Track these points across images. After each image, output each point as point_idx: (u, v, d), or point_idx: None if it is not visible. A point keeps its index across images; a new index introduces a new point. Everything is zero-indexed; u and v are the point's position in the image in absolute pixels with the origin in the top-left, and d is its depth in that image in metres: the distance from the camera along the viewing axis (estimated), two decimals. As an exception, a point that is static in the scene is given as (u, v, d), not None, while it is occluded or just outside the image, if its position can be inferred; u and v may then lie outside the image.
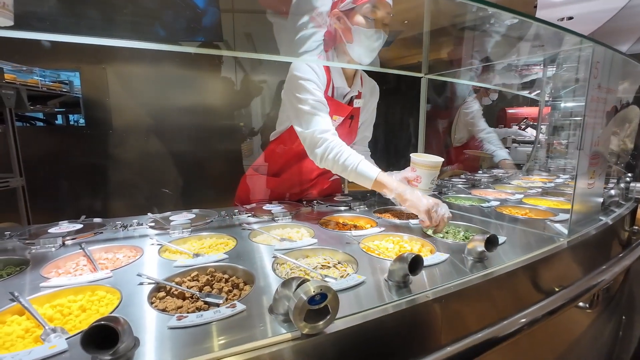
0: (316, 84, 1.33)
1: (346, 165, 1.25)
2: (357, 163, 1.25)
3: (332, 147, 1.26)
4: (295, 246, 1.04)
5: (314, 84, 1.32)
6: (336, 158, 1.26)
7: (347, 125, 1.51)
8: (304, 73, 1.32)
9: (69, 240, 1.09)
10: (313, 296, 0.57)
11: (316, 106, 1.30)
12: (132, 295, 0.75)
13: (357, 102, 1.49)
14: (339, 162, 1.26)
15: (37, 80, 3.14)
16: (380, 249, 1.06)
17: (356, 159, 1.25)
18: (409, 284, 0.80)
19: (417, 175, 1.30)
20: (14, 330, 0.63)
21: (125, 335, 0.52)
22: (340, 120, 1.47)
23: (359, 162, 1.25)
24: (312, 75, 1.33)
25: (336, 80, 1.42)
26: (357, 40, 1.31)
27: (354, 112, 1.51)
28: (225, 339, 0.59)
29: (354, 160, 1.25)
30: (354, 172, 1.25)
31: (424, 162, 1.29)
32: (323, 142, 1.27)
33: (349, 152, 1.26)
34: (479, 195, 1.87)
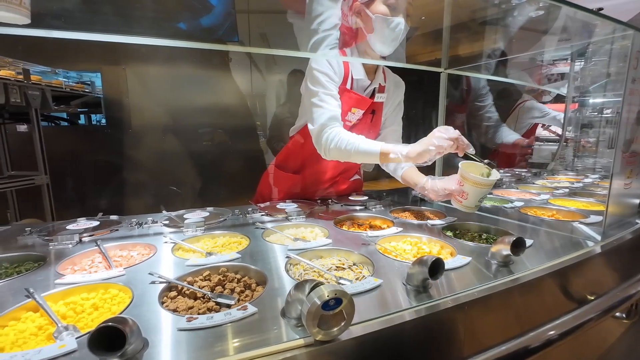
0: (329, 77, 1.31)
1: (348, 150, 1.22)
2: (358, 143, 1.22)
3: (332, 137, 1.25)
4: (309, 246, 1.01)
5: (327, 76, 1.30)
6: (337, 146, 1.24)
7: (368, 120, 1.47)
8: (320, 66, 1.31)
9: (85, 237, 1.10)
10: (327, 301, 0.54)
11: (324, 99, 1.29)
12: (143, 294, 0.74)
13: (379, 96, 1.44)
14: (340, 148, 1.24)
15: (61, 81, 3.24)
16: (397, 251, 1.02)
17: (356, 139, 1.22)
18: (429, 289, 0.75)
19: (463, 191, 1.11)
20: (27, 328, 0.63)
21: (134, 337, 0.51)
22: (361, 113, 1.43)
23: (359, 142, 1.22)
24: (328, 69, 1.31)
25: (355, 73, 1.39)
26: (378, 29, 1.27)
27: (376, 107, 1.46)
28: (235, 342, 0.57)
29: (354, 141, 1.22)
30: (357, 153, 1.22)
31: (477, 179, 1.07)
32: (324, 135, 1.27)
33: (347, 136, 1.24)
34: (501, 196, 1.78)
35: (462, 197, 1.12)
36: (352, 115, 1.41)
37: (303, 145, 1.52)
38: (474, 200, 1.10)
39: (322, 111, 1.28)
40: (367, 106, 1.43)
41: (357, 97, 1.40)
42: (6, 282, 0.81)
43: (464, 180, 1.10)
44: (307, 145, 1.49)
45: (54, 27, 0.92)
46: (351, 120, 1.44)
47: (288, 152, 1.61)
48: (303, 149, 1.53)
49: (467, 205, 1.11)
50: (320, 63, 1.32)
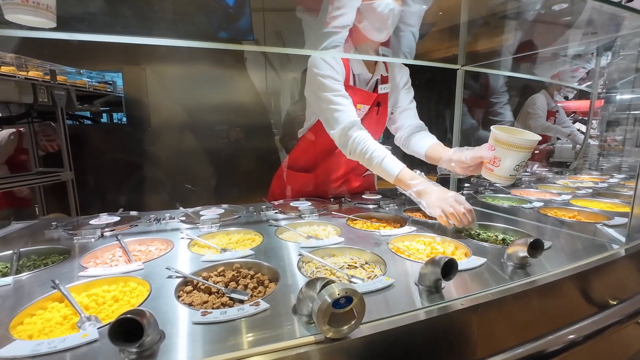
0: (334, 78, 1.31)
1: (371, 160, 1.25)
2: (381, 158, 1.23)
3: (358, 142, 1.27)
4: (321, 244, 1.02)
5: (331, 78, 1.31)
6: (362, 152, 1.27)
7: (374, 113, 1.47)
8: (322, 69, 1.31)
9: (107, 232, 1.15)
10: (338, 299, 0.54)
11: (338, 102, 1.29)
12: (161, 287, 0.76)
13: (382, 87, 1.43)
14: (364, 156, 1.27)
15: (85, 81, 3.37)
16: (410, 250, 1.01)
17: (381, 153, 1.24)
18: (442, 290, 0.74)
19: (495, 156, 0.94)
20: (53, 317, 0.67)
21: (151, 328, 0.53)
22: (367, 108, 1.43)
23: (383, 157, 1.23)
24: (330, 70, 1.31)
25: (355, 68, 1.39)
26: (366, 15, 1.27)
27: (380, 99, 1.46)
28: (248, 337, 0.58)
29: (378, 155, 1.24)
30: (378, 166, 1.25)
31: (510, 139, 0.91)
32: (349, 138, 1.29)
33: (373, 146, 1.25)
34: (519, 196, 1.74)
35: (493, 165, 0.95)
36: (358, 112, 1.41)
37: (314, 143, 1.53)
38: (508, 167, 0.92)
39: (340, 114, 1.29)
40: (372, 101, 1.42)
41: (361, 93, 1.39)
42: (34, 273, 0.86)
43: (496, 143, 0.93)
44: (318, 144, 1.50)
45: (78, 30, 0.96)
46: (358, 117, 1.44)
47: (299, 151, 1.63)
48: (314, 147, 1.54)
49: (500, 174, 0.94)
50: (321, 67, 1.32)
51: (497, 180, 0.99)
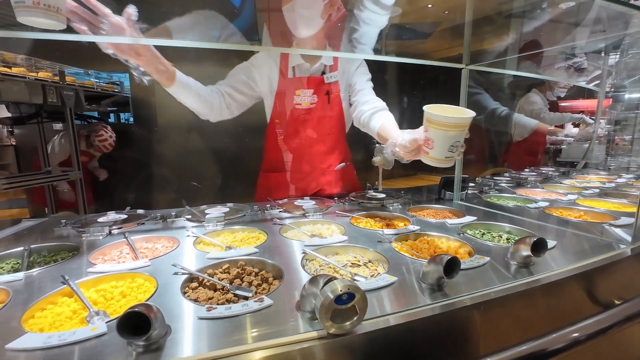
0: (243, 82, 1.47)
1: None
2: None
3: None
4: (325, 243, 1.03)
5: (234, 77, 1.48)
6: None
7: (325, 102, 1.51)
8: None
9: (115, 230, 1.17)
10: (340, 295, 0.55)
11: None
12: (167, 284, 0.78)
13: (328, 76, 1.49)
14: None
15: (93, 81, 3.41)
16: (414, 249, 1.02)
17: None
18: (444, 288, 0.75)
19: (427, 138, 0.86)
20: (63, 311, 0.69)
21: (158, 322, 0.54)
22: (309, 93, 1.47)
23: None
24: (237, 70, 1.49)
25: (292, 60, 1.46)
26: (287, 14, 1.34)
27: (329, 88, 1.51)
28: (252, 332, 0.59)
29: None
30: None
31: (439, 118, 0.81)
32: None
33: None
34: (525, 195, 1.73)
35: (428, 147, 0.87)
36: (299, 98, 1.47)
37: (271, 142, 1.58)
38: (442, 148, 0.84)
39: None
40: (314, 86, 1.47)
41: (299, 80, 1.47)
42: (45, 269, 0.88)
43: (428, 124, 0.85)
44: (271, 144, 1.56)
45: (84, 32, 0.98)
46: (300, 103, 1.48)
47: (265, 152, 1.66)
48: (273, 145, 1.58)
49: (435, 156, 0.86)
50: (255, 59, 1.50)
51: (433, 163, 0.91)
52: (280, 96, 1.49)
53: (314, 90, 1.48)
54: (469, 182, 1.70)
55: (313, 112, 1.49)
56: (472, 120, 0.84)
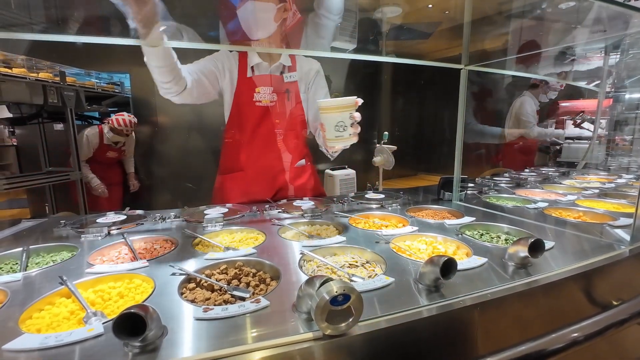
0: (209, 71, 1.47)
1: None
2: None
3: None
4: (323, 243, 1.03)
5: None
6: None
7: (284, 99, 1.54)
8: None
9: (114, 230, 1.17)
10: (335, 296, 0.55)
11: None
12: (164, 284, 0.78)
13: (287, 76, 1.52)
14: None
15: (93, 82, 3.42)
16: (411, 250, 1.02)
17: None
18: (441, 289, 0.75)
19: (321, 124, 1.05)
20: (60, 312, 0.69)
21: (154, 323, 0.54)
22: (269, 91, 1.50)
23: None
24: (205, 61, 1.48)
25: (252, 60, 1.49)
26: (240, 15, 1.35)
27: (288, 86, 1.54)
28: (248, 333, 0.59)
29: None
30: None
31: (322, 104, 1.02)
32: None
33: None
34: (524, 196, 1.72)
35: (323, 131, 1.05)
36: (259, 95, 1.49)
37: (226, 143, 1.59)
38: (330, 128, 1.01)
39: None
40: (272, 82, 1.49)
41: (258, 77, 1.49)
42: (43, 270, 0.88)
43: (320, 112, 1.04)
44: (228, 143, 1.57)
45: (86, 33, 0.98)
46: (260, 100, 1.50)
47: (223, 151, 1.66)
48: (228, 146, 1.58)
49: (328, 137, 1.03)
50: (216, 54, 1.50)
51: (329, 143, 1.06)
52: (239, 93, 1.50)
53: (273, 88, 1.51)
54: (469, 183, 1.70)
55: (272, 110, 1.52)
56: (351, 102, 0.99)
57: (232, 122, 1.53)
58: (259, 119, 1.51)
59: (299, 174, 1.67)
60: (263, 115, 1.51)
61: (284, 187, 1.65)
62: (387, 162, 3.55)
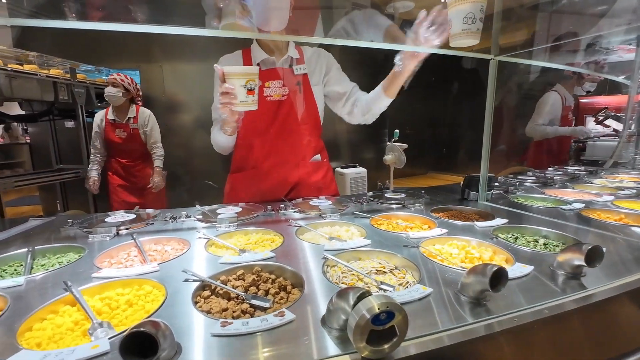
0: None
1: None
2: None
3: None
4: (346, 247, 0.95)
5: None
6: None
7: (296, 91, 1.47)
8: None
9: (122, 230, 1.11)
10: (378, 314, 0.47)
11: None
12: (176, 292, 0.71)
13: (297, 68, 1.45)
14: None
15: (104, 79, 3.39)
16: (443, 255, 0.93)
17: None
18: (486, 302, 0.66)
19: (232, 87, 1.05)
20: (64, 322, 0.62)
21: (166, 342, 0.47)
22: (279, 85, 1.43)
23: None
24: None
25: (256, 55, 1.43)
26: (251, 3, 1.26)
27: (300, 79, 1.47)
28: (272, 352, 0.51)
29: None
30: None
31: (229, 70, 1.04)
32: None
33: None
34: (554, 196, 1.61)
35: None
36: (269, 90, 1.42)
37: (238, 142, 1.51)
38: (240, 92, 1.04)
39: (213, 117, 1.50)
40: (281, 76, 1.43)
41: (266, 72, 1.42)
42: (48, 273, 0.82)
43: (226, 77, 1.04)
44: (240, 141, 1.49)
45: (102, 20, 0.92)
46: (271, 95, 1.43)
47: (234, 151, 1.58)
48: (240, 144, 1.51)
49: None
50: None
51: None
52: None
53: (283, 81, 1.43)
54: (494, 182, 1.59)
55: (285, 104, 1.44)
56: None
57: (244, 121, 1.45)
58: (271, 114, 1.43)
59: (314, 170, 1.58)
60: (275, 110, 1.43)
61: (298, 185, 1.57)
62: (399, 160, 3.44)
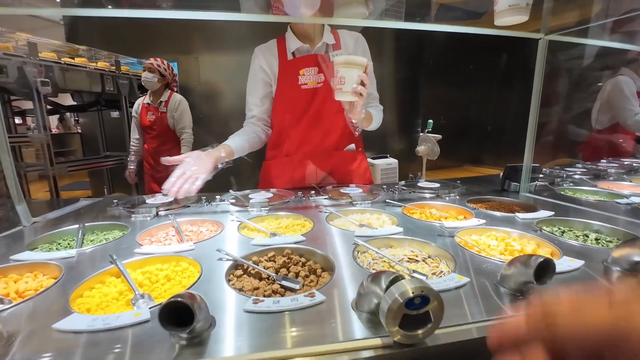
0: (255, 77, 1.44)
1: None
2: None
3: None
4: (377, 234, 0.93)
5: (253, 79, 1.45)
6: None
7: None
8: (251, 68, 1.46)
9: (162, 211, 1.17)
10: (412, 298, 0.45)
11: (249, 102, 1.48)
12: (211, 270, 0.73)
13: (332, 54, 1.40)
14: None
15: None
16: (480, 246, 0.88)
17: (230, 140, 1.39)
18: (529, 295, 0.62)
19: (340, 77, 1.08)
20: (110, 292, 0.67)
21: (202, 314, 0.48)
22: (314, 72, 1.38)
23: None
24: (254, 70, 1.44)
25: (291, 44, 1.39)
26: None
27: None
28: (302, 332, 0.52)
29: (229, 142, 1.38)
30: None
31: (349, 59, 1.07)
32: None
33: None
34: (608, 189, 1.47)
35: (341, 84, 1.08)
36: (304, 78, 1.38)
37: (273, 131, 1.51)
38: (350, 82, 1.06)
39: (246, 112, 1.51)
40: (316, 62, 1.38)
41: (302, 58, 1.39)
42: (97, 247, 0.88)
43: (336, 66, 1.08)
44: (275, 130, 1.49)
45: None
46: (306, 83, 1.38)
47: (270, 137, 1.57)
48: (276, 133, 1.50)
49: (346, 89, 1.07)
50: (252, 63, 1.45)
51: (343, 97, 1.09)
52: (282, 78, 1.40)
53: (318, 68, 1.39)
54: (538, 174, 1.48)
55: (320, 92, 1.40)
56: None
57: (277, 108, 1.45)
58: (306, 103, 1.42)
59: (348, 159, 1.56)
60: (310, 99, 1.42)
61: (332, 173, 1.56)
62: (432, 151, 3.32)
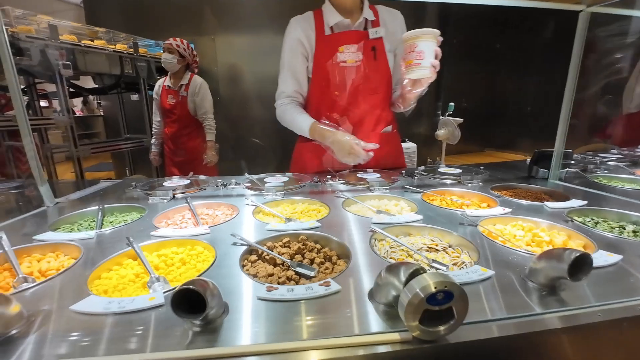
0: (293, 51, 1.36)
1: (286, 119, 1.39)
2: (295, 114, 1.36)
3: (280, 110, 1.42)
4: (395, 221, 0.90)
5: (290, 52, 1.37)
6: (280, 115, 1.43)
7: (371, 58, 1.34)
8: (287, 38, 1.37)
9: (178, 194, 1.17)
10: (434, 294, 0.42)
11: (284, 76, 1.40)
12: (225, 254, 0.73)
13: (372, 31, 1.33)
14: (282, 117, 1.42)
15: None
16: (505, 236, 0.83)
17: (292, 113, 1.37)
18: (560, 291, 0.57)
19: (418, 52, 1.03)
20: (127, 274, 0.67)
21: (214, 301, 0.47)
22: (354, 49, 1.31)
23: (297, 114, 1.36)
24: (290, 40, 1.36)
25: (330, 19, 1.32)
26: None
27: (375, 43, 1.34)
28: (316, 321, 0.50)
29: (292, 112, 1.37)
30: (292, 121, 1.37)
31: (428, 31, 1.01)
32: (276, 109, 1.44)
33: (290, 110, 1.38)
34: (647, 177, 1.37)
35: (420, 59, 1.02)
36: (343, 55, 1.32)
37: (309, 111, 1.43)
38: (429, 56, 1.02)
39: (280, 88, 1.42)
40: (357, 39, 1.31)
41: (343, 35, 1.33)
42: (115, 229, 0.90)
43: (413, 40, 1.03)
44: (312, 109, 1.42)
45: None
46: (345, 61, 1.32)
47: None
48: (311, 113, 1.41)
49: (426, 65, 1.02)
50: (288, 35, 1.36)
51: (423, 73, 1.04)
52: (319, 55, 1.33)
53: (357, 46, 1.31)
54: (570, 160, 1.39)
55: (358, 70, 1.33)
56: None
57: (315, 86, 1.38)
58: (343, 82, 1.35)
59: (384, 141, 1.47)
60: (347, 77, 1.34)
61: None
62: (452, 135, 3.18)
